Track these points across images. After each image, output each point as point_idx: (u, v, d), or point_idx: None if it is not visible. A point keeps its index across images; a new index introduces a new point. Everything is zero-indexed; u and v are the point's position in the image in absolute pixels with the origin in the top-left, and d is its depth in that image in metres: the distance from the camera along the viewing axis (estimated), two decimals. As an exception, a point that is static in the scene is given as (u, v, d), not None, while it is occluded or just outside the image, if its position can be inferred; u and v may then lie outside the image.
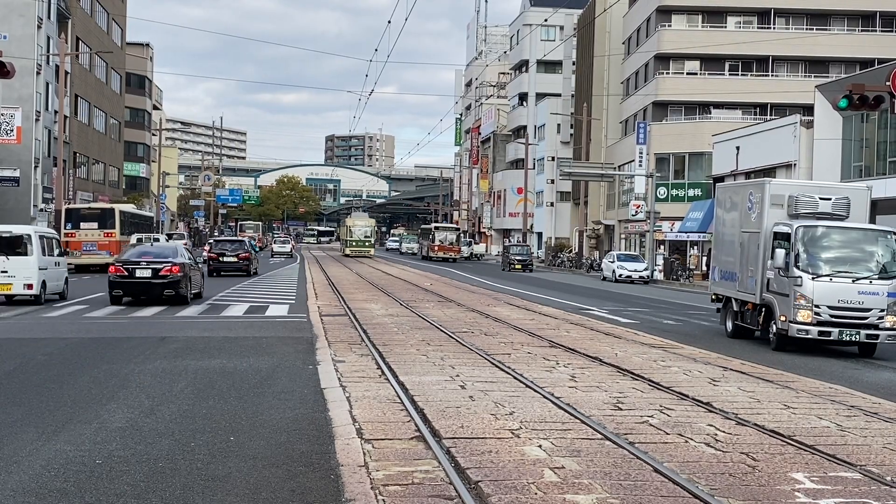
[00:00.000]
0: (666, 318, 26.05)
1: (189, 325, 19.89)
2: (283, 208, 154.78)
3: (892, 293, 17.53)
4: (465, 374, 12.81)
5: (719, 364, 15.11)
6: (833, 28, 64.61)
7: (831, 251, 17.89)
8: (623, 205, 67.81)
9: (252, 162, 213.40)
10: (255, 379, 12.38)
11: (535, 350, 16.11)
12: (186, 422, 9.51)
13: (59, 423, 9.35)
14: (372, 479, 7.23)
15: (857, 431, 9.84)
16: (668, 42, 64.52)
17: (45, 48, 59.31)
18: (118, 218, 42.67)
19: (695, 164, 62.09)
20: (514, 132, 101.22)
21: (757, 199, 19.65)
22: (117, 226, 41.71)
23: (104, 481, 7.21)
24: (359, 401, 10.59)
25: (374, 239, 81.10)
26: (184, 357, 14.43)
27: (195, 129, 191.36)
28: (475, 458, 7.97)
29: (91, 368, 13.15)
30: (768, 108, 63.06)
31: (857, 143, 43.06)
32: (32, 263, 24.01)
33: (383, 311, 23.67)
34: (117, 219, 42.56)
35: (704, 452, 8.56)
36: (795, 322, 17.57)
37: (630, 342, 18.11)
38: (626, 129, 72.57)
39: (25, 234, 24.71)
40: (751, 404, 11.26)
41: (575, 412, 10.21)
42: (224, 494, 6.93)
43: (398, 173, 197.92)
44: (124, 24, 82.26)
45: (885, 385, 14.35)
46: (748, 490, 7.30)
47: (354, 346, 15.80)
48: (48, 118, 60.71)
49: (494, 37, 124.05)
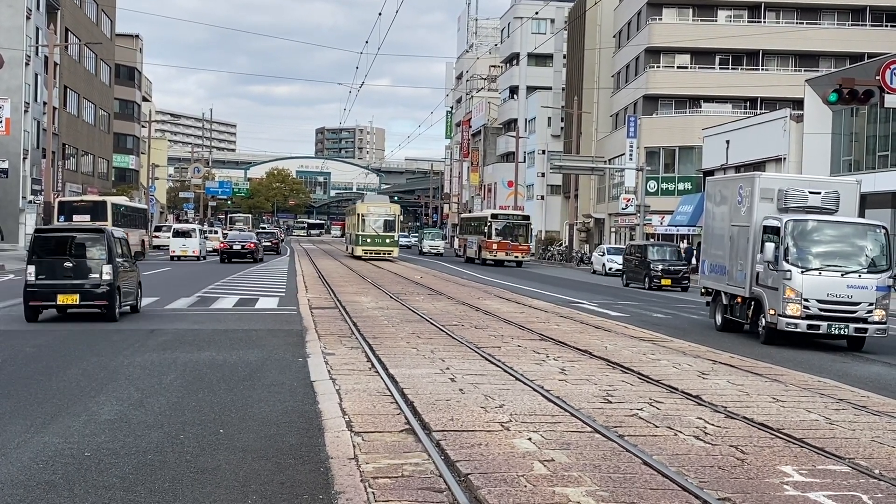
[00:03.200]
0: (655, 311, 26.09)
1: (178, 317, 19.85)
2: (272, 201, 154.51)
3: (880, 287, 17.59)
4: (455, 367, 12.81)
5: (708, 357, 15.14)
6: (823, 22, 64.70)
7: (821, 245, 17.93)
8: (613, 198, 67.89)
9: (242, 154, 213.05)
10: (245, 371, 12.36)
11: (525, 343, 16.12)
12: (176, 414, 9.49)
13: (47, 416, 9.32)
14: (361, 472, 7.22)
15: (846, 425, 9.87)
16: (659, 35, 64.55)
17: (34, 39, 59.07)
18: (110, 210, 43.77)
19: (685, 158, 62.18)
20: (505, 125, 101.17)
21: (747, 193, 19.68)
22: (109, 218, 42.35)
23: (93, 473, 7.19)
24: (348, 393, 10.58)
25: (398, 234, 59.07)
26: (173, 349, 14.40)
27: (185, 121, 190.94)
28: (465, 451, 7.97)
29: (80, 361, 13.11)
30: (758, 102, 63.19)
31: (846, 138, 43.17)
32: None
33: (373, 303, 23.65)
34: (109, 211, 43.61)
35: (694, 445, 8.57)
36: (784, 315, 17.62)
37: (620, 335, 18.14)
38: (617, 122, 72.62)
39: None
40: (740, 397, 11.29)
41: (565, 405, 10.21)
42: (213, 487, 6.92)
43: (388, 166, 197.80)
44: (114, 15, 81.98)
45: (874, 378, 14.40)
46: (737, 483, 7.32)
47: (344, 339, 15.78)
48: (37, 109, 60.46)
49: (485, 30, 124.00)
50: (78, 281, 18.25)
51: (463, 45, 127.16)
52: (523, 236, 55.08)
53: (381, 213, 55.85)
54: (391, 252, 55.67)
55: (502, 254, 53.73)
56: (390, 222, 55.73)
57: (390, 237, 55.59)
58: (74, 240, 18.94)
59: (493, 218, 55.64)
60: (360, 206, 57.03)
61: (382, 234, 55.13)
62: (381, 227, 55.15)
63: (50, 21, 60.55)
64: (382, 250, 55.09)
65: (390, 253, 55.60)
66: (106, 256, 18.45)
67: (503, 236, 54.02)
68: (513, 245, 53.84)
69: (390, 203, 61.84)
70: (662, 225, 59.33)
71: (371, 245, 54.94)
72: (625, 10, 71.90)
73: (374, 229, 55.03)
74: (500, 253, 53.74)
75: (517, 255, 54.05)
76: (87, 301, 18.27)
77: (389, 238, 55.52)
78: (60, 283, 18.16)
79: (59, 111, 60.94)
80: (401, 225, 63.55)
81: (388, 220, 55.69)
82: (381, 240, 55.19)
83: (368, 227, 55.10)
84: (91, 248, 18.68)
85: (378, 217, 55.38)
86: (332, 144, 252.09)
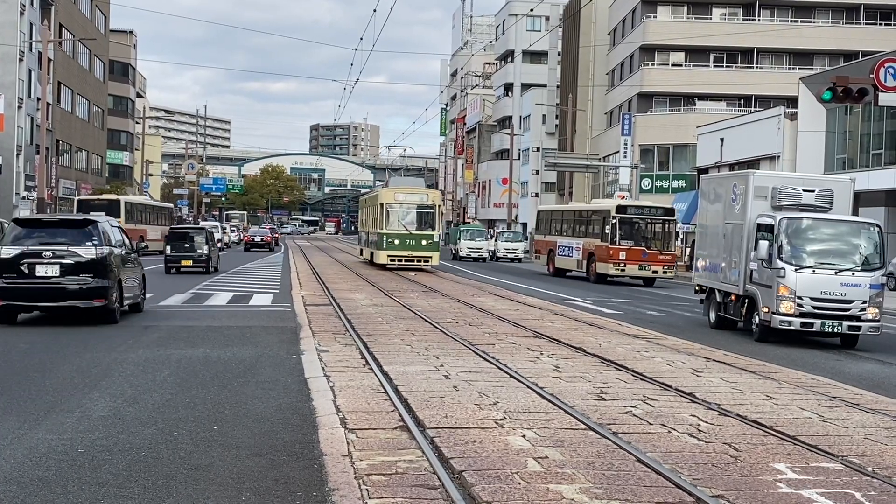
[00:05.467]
0: (649, 308, 26.12)
1: (172, 314, 19.82)
2: (266, 197, 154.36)
3: (874, 285, 17.63)
4: (449, 364, 12.81)
5: (702, 355, 15.16)
6: (818, 20, 64.82)
7: (814, 243, 17.96)
8: (608, 196, 67.90)
9: (236, 151, 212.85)
10: (239, 368, 12.35)
11: (520, 340, 16.13)
12: (169, 411, 9.47)
13: (41, 412, 9.30)
14: (356, 469, 7.22)
15: (839, 422, 9.89)
16: (654, 33, 64.61)
17: (28, 35, 58.91)
18: (123, 208, 49.53)
19: (679, 156, 62.28)
20: (500, 122, 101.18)
21: (741, 191, 19.71)
22: (122, 214, 46.96)
23: (86, 470, 7.17)
24: (343, 390, 10.58)
25: (439, 232, 41.77)
26: (167, 346, 14.38)
27: (179, 117, 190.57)
28: (459, 448, 7.97)
29: (74, 357, 13.09)
30: (753, 100, 63.29)
31: (840, 136, 43.25)
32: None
33: (368, 300, 23.64)
34: (122, 209, 49.06)
35: (687, 443, 8.59)
36: (778, 313, 17.65)
37: (614, 333, 18.15)
38: (611, 120, 72.69)
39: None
40: (733, 395, 11.30)
41: (559, 402, 10.22)
42: (207, 484, 6.91)
43: (383, 163, 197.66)
44: (108, 11, 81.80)
45: (867, 376, 14.43)
46: (730, 480, 7.33)
47: (339, 336, 15.77)
48: (31, 105, 60.32)
49: (480, 27, 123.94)
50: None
51: (458, 42, 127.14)
52: (663, 241, 37.79)
53: (414, 201, 39.35)
54: (430, 260, 39.26)
55: (633, 267, 36.79)
56: (428, 215, 39.35)
57: (428, 237, 38.93)
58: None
59: (620, 212, 37.49)
60: (383, 193, 39.93)
61: (417, 232, 38.80)
62: (414, 221, 39.13)
63: (44, 17, 60.42)
64: (417, 256, 38.87)
65: (428, 261, 39.23)
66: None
67: (634, 241, 36.94)
68: (650, 255, 36.84)
69: (425, 187, 43.97)
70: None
71: (400, 249, 38.68)
72: (619, 8, 71.94)
73: (405, 225, 38.79)
74: (629, 266, 36.72)
75: (657, 270, 37.26)
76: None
77: (427, 239, 38.89)
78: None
79: (52, 107, 60.80)
80: (441, 220, 44.89)
81: (426, 211, 39.33)
82: (414, 241, 38.73)
83: (396, 223, 38.87)
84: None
85: (410, 208, 39.29)
86: (326, 141, 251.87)
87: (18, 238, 17.00)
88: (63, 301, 16.79)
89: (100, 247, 16.98)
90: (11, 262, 16.66)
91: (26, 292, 16.68)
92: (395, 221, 38.83)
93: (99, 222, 17.62)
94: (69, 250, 16.80)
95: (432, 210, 39.42)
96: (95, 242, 16.99)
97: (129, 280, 18.54)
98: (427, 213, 39.34)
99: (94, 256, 16.85)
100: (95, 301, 16.86)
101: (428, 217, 39.36)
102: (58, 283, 16.71)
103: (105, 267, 16.97)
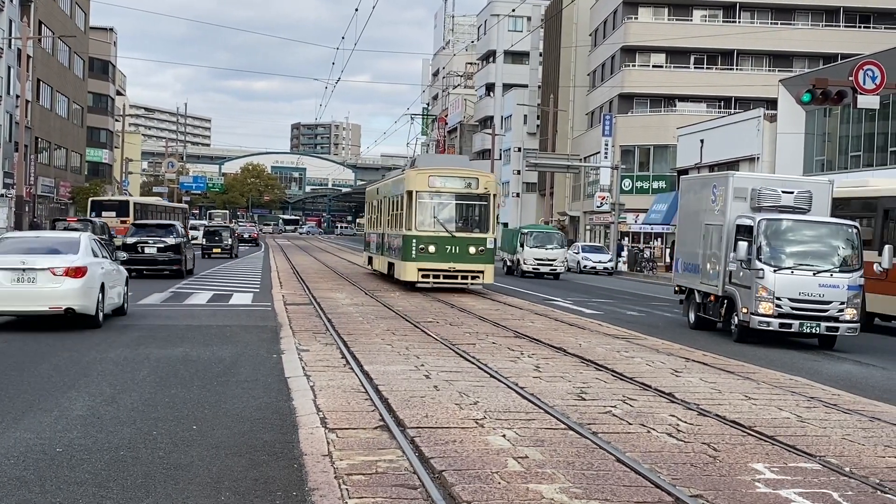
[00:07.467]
0: (629, 309, 26.20)
1: (151, 313, 19.74)
2: (247, 196, 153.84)
3: (852, 286, 17.75)
4: (429, 364, 12.81)
5: (682, 355, 15.22)
6: (797, 23, 65.22)
7: (793, 244, 18.06)
8: (588, 196, 68.12)
9: (217, 149, 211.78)
10: (219, 368, 12.31)
11: (500, 340, 16.14)
12: (148, 410, 9.43)
13: (18, 411, 9.24)
14: (336, 469, 7.21)
15: (817, 423, 9.95)
16: (635, 34, 64.84)
17: (7, 32, 58.43)
18: (131, 208, 53.31)
19: (659, 157, 62.52)
20: (481, 122, 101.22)
21: (720, 192, 19.80)
22: (131, 214, 50.87)
23: (64, 469, 7.13)
24: (323, 390, 10.56)
25: (492, 234, 27.33)
26: (146, 345, 14.31)
27: (159, 115, 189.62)
28: (439, 448, 7.97)
29: (51, 356, 13.01)
30: (732, 102, 63.62)
31: (819, 138, 43.53)
32: None
33: (348, 300, 23.61)
34: (131, 209, 52.84)
35: (666, 443, 8.62)
36: (757, 314, 17.74)
37: (594, 333, 18.20)
38: (592, 120, 72.86)
39: None
40: (712, 395, 11.35)
41: (539, 402, 10.24)
42: (186, 483, 6.88)
43: (364, 162, 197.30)
44: (88, 8, 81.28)
45: (845, 377, 14.52)
46: (709, 480, 7.36)
47: (319, 336, 15.74)
48: (9, 103, 59.84)
49: (462, 27, 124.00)
50: None
51: (440, 42, 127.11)
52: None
53: (457, 187, 27.34)
54: (480, 275, 27.28)
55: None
56: (479, 209, 27.66)
57: (478, 243, 27.06)
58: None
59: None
60: (412, 177, 27.49)
61: (461, 234, 27.07)
62: (454, 218, 27.56)
63: (23, 13, 59.95)
64: (463, 271, 27.05)
65: (478, 277, 27.29)
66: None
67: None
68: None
69: (471, 170, 29.69)
70: (637, 223, 59.63)
71: (437, 259, 26.83)
72: (601, 9, 72.13)
73: (443, 223, 27.12)
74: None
75: None
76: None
77: (477, 244, 27.01)
78: None
79: (31, 104, 60.32)
80: (496, 215, 28.57)
81: (475, 203, 27.69)
82: (458, 248, 26.90)
83: (429, 219, 27.18)
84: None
85: (450, 198, 27.50)
86: (307, 140, 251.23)
87: (133, 233, 31.55)
88: (156, 266, 30.97)
89: (177, 238, 31.58)
90: (132, 245, 30.30)
91: (139, 262, 30.02)
92: (428, 218, 27.05)
93: (176, 225, 33.51)
94: (160, 239, 31.09)
95: (485, 201, 27.35)
96: (174, 235, 31.60)
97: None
98: (477, 205, 27.56)
99: (174, 242, 31.28)
100: (174, 266, 31.15)
101: (479, 212, 27.56)
102: (154, 257, 31.01)
103: (179, 248, 31.29)
